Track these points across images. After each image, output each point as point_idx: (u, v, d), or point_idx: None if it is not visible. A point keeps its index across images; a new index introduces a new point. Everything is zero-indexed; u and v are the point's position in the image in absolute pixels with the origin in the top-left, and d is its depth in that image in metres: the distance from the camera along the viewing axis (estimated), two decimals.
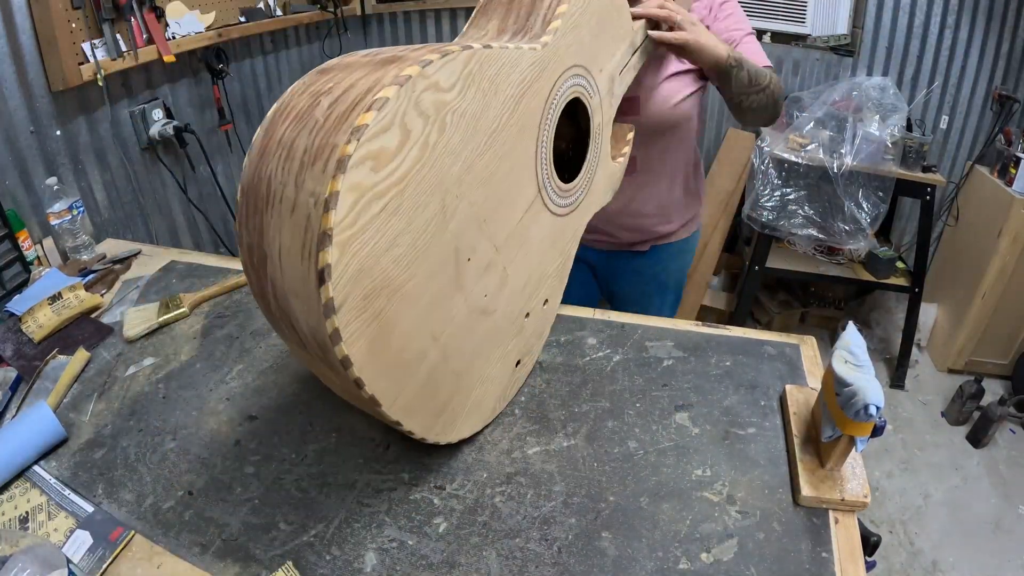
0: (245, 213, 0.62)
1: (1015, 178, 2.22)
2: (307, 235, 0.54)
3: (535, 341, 0.91)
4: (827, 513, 0.73)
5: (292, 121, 0.59)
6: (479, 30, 0.79)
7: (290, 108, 0.60)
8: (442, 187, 0.62)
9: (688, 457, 0.81)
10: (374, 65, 0.59)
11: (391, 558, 0.70)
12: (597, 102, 0.87)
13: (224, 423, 0.88)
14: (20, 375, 0.98)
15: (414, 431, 0.70)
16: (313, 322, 0.56)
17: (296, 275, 0.56)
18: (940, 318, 2.64)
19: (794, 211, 2.31)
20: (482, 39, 0.75)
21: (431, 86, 0.58)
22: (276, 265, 0.59)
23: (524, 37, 0.75)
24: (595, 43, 0.83)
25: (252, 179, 0.60)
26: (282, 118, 0.60)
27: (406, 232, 0.59)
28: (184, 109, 1.84)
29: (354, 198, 0.53)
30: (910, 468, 2.14)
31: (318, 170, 0.54)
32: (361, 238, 0.55)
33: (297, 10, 2.22)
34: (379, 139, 0.54)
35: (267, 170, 0.59)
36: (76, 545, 0.70)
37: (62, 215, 1.30)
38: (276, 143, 0.59)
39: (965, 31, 2.39)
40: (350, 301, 0.55)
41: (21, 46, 1.32)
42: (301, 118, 0.58)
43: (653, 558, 0.69)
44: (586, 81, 0.83)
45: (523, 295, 0.82)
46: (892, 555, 1.82)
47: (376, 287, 0.57)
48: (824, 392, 0.76)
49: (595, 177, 0.92)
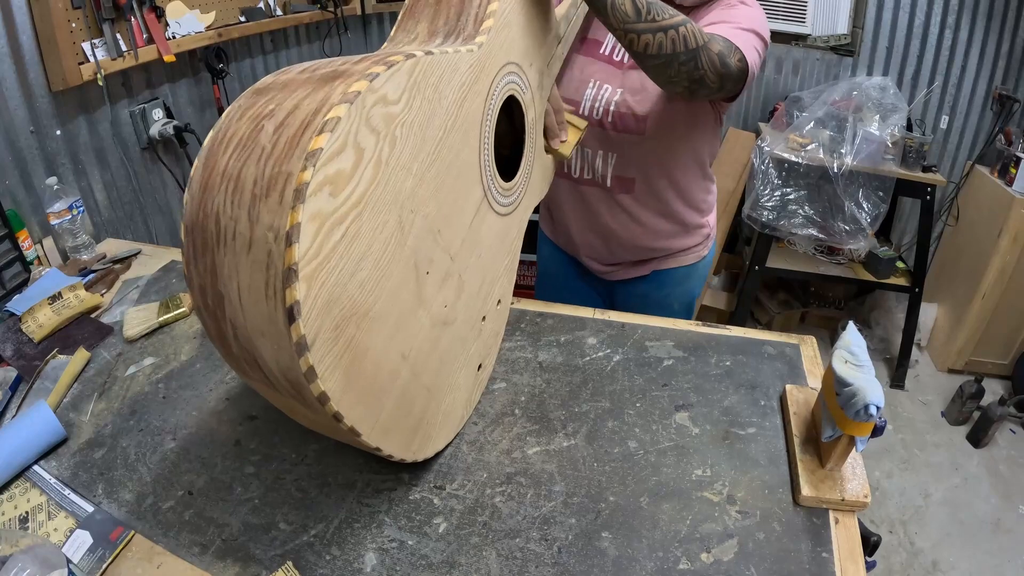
0: (192, 253, 0.57)
1: (1015, 178, 2.23)
2: (269, 272, 0.51)
3: (492, 343, 0.91)
4: (827, 513, 0.73)
5: (235, 150, 0.55)
6: (408, 34, 0.76)
7: (230, 136, 0.56)
8: (397, 203, 0.60)
9: (688, 457, 0.81)
10: (316, 82, 0.56)
11: (391, 558, 0.70)
12: (530, 98, 0.86)
13: (224, 423, 0.88)
14: (20, 375, 0.98)
15: (393, 454, 0.68)
16: (285, 361, 0.54)
17: (261, 314, 0.53)
18: (940, 318, 2.64)
19: (794, 211, 2.31)
20: (413, 43, 0.73)
21: (380, 100, 0.55)
22: (236, 306, 0.55)
23: (457, 39, 0.72)
24: (524, 38, 0.82)
25: (197, 216, 0.56)
26: (222, 148, 0.56)
27: (368, 255, 0.57)
28: (184, 109, 1.84)
29: (316, 227, 0.50)
30: (910, 468, 2.14)
31: (274, 202, 0.50)
32: (326, 268, 0.52)
33: (297, 10, 2.22)
34: (335, 162, 0.51)
35: (213, 205, 0.55)
36: (76, 545, 0.70)
37: (62, 215, 1.29)
38: (220, 175, 0.55)
39: (965, 31, 2.39)
40: (322, 335, 0.53)
41: (21, 46, 1.32)
42: (244, 146, 0.54)
43: (653, 558, 0.69)
44: (519, 78, 0.82)
45: (479, 299, 0.81)
46: (892, 555, 1.82)
47: (345, 315, 0.55)
48: (824, 392, 0.76)
49: (532, 173, 0.92)
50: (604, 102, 1.06)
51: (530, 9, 0.82)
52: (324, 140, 0.50)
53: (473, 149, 0.73)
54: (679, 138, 1.08)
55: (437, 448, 0.79)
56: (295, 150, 0.51)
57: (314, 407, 0.57)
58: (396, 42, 0.75)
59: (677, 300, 1.27)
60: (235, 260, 0.54)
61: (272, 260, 0.51)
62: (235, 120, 0.57)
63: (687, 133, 1.08)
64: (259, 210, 0.51)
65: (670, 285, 1.25)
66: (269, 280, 0.51)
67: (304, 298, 0.50)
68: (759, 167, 2.32)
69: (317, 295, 0.52)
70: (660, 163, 1.10)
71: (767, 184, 2.31)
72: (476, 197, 0.75)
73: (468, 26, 0.72)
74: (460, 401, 0.82)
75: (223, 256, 0.54)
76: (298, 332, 0.51)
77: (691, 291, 1.29)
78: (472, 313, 0.80)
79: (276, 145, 0.52)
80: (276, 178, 0.51)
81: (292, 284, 0.49)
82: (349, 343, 0.56)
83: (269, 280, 0.51)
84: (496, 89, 0.76)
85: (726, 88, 0.92)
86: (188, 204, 0.57)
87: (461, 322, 0.77)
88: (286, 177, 0.50)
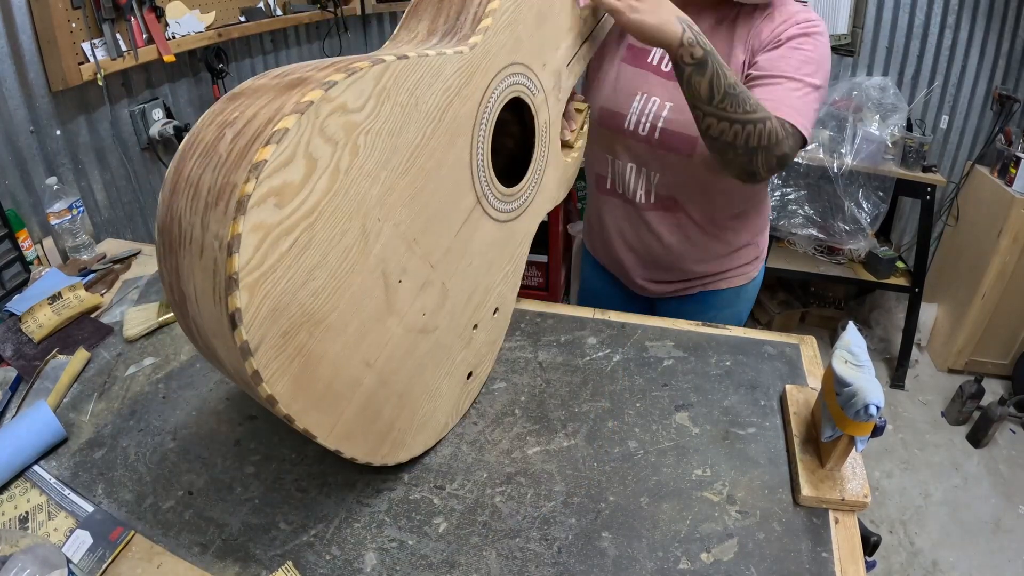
0: (162, 252, 0.59)
1: (1015, 178, 2.22)
2: (216, 279, 0.52)
3: (487, 351, 0.89)
4: (827, 513, 0.73)
5: (199, 156, 0.55)
6: (410, 32, 0.75)
7: (198, 141, 0.56)
8: (360, 212, 0.59)
9: (688, 457, 0.81)
10: (279, 90, 0.56)
11: (391, 558, 0.70)
12: (542, 99, 0.83)
13: (224, 423, 0.88)
14: (20, 375, 0.98)
15: (356, 457, 0.68)
16: (235, 363, 0.54)
17: (212, 317, 0.54)
18: (940, 318, 2.64)
19: (794, 211, 2.31)
20: (412, 42, 0.72)
21: (337, 109, 0.54)
22: (195, 306, 0.57)
23: (454, 38, 0.71)
24: (535, 38, 0.79)
25: (165, 218, 0.57)
26: (191, 152, 0.56)
27: (322, 265, 0.56)
28: (184, 109, 1.84)
29: (258, 239, 0.51)
30: (910, 468, 2.14)
31: (220, 211, 0.51)
32: (271, 278, 0.52)
33: (297, 10, 2.22)
34: (280, 174, 0.51)
35: (178, 209, 0.56)
36: (76, 545, 0.70)
37: (62, 215, 1.30)
38: (184, 180, 0.56)
39: (965, 31, 2.39)
40: (267, 341, 0.53)
41: (21, 46, 1.32)
42: (207, 153, 0.55)
43: (653, 558, 0.69)
44: (527, 79, 0.79)
45: (468, 308, 0.79)
46: (892, 555, 1.82)
47: (295, 323, 0.55)
48: (824, 392, 0.76)
49: (544, 177, 0.89)
50: (652, 116, 1.01)
51: (543, 7, 0.79)
52: (269, 152, 0.50)
53: (463, 155, 0.71)
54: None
55: (413, 454, 0.78)
56: (243, 161, 0.51)
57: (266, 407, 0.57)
58: (398, 41, 0.74)
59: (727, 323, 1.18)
60: (192, 263, 0.55)
61: (217, 267, 0.51)
62: (205, 126, 0.57)
63: None
64: (209, 218, 0.52)
65: (717, 307, 1.19)
66: (215, 286, 0.52)
67: (245, 307, 0.51)
68: None
69: (260, 304, 0.52)
70: (707, 183, 1.04)
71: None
72: (466, 204, 0.73)
73: (465, 25, 0.71)
74: (443, 409, 0.81)
75: (184, 259, 0.56)
76: (240, 338, 0.52)
77: (739, 314, 1.22)
78: (459, 321, 0.78)
79: (230, 154, 0.53)
80: (224, 188, 0.52)
81: (233, 293, 0.50)
82: (299, 350, 0.57)
83: (215, 286, 0.52)
84: (495, 92, 0.74)
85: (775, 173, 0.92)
86: (160, 205, 0.58)
87: (444, 330, 0.75)
88: (232, 188, 0.51)
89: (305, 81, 0.55)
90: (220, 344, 0.56)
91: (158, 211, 0.59)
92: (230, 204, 0.50)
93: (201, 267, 0.53)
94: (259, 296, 0.52)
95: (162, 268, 0.60)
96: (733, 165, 0.88)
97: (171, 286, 0.60)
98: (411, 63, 0.61)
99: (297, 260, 0.54)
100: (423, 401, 0.76)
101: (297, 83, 0.55)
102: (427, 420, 0.78)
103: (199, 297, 0.55)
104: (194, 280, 0.55)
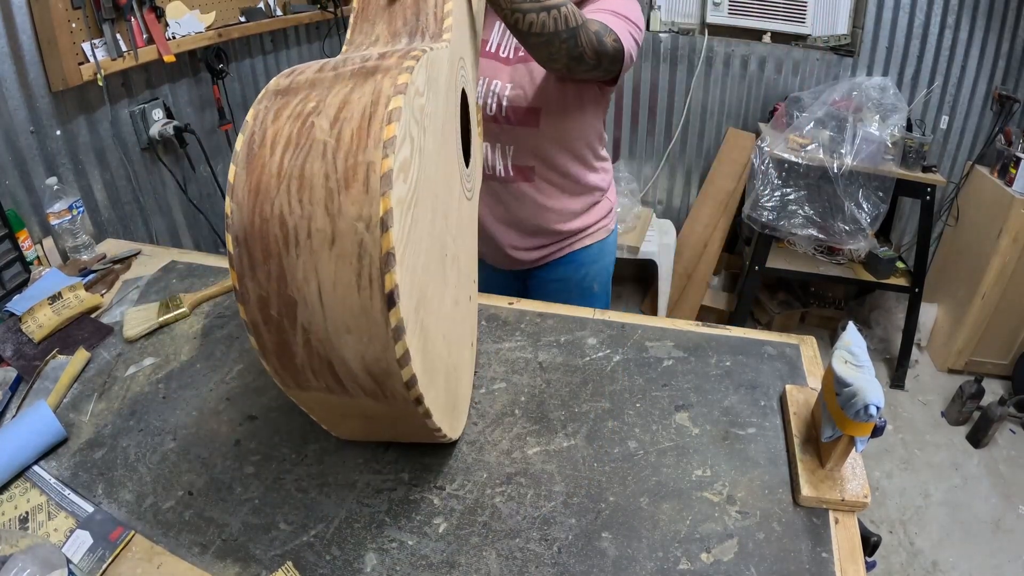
0: (248, 264, 0.55)
1: (1015, 178, 2.23)
2: (362, 263, 0.51)
3: (474, 321, 0.95)
4: (827, 513, 0.73)
5: (287, 149, 0.54)
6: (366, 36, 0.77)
7: (273, 136, 0.55)
8: (431, 190, 0.63)
9: (688, 457, 0.81)
10: (352, 78, 0.57)
11: (391, 558, 0.70)
12: (472, 88, 0.91)
13: (224, 423, 0.88)
14: (20, 375, 0.98)
15: (448, 434, 0.71)
16: (376, 352, 0.54)
17: (350, 309, 0.53)
18: (940, 318, 2.64)
19: (794, 211, 2.31)
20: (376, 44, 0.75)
21: (418, 92, 0.58)
22: (314, 308, 0.54)
23: (425, 37, 0.74)
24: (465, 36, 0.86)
25: (252, 223, 0.54)
26: (267, 149, 0.54)
27: (423, 239, 0.59)
28: (184, 109, 1.84)
29: (400, 212, 0.52)
30: (910, 468, 2.14)
31: (357, 192, 0.51)
32: (411, 252, 0.55)
33: (297, 10, 2.22)
34: (403, 150, 0.53)
35: (276, 208, 0.53)
36: (76, 545, 0.70)
37: (62, 215, 1.29)
38: (275, 176, 0.53)
39: (965, 31, 2.40)
40: (409, 318, 0.54)
41: (21, 46, 1.32)
42: (299, 145, 0.54)
43: (653, 558, 0.69)
44: (464, 71, 0.86)
45: (469, 279, 0.85)
46: (892, 555, 1.82)
47: (419, 299, 0.58)
48: (824, 392, 0.76)
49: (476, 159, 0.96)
50: (496, 97, 1.12)
51: (465, 6, 0.86)
52: (395, 128, 0.52)
53: (454, 138, 0.77)
54: (571, 122, 1.13)
55: (463, 425, 0.83)
56: (369, 140, 0.52)
57: (396, 396, 0.58)
58: (356, 45, 0.75)
59: (596, 279, 1.32)
60: (313, 259, 0.53)
61: (364, 249, 0.51)
62: (270, 121, 0.56)
63: (578, 117, 1.14)
64: (340, 202, 0.52)
65: (586, 265, 1.29)
66: (362, 271, 0.52)
67: (402, 281, 0.52)
68: (759, 167, 2.32)
69: (407, 280, 0.54)
70: (555, 148, 1.15)
71: (767, 184, 2.32)
72: (458, 183, 0.80)
73: (431, 25, 0.75)
74: (467, 378, 0.86)
75: (295, 258, 0.53)
76: (396, 317, 0.52)
77: (607, 267, 1.34)
78: (467, 292, 0.84)
79: (341, 139, 0.53)
80: (355, 168, 0.52)
81: (391, 269, 0.51)
82: (421, 326, 0.58)
83: (362, 271, 0.52)
84: (457, 82, 0.79)
85: (603, 66, 0.99)
86: (235, 213, 0.54)
87: (462, 301, 0.80)
88: (367, 166, 0.51)
89: (381, 68, 0.57)
90: (353, 340, 0.55)
91: (234, 221, 0.54)
92: (371, 182, 0.51)
93: (333, 257, 0.52)
94: (407, 271, 0.54)
95: (247, 284, 0.55)
96: (560, 54, 0.94)
97: (264, 300, 0.55)
98: (436, 54, 0.65)
99: (416, 235, 0.57)
100: (463, 371, 0.81)
101: (373, 70, 0.57)
102: (467, 389, 0.86)
103: (327, 291, 0.53)
104: (320, 276, 0.53)
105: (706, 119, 2.77)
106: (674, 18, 2.64)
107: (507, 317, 1.07)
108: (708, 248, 2.72)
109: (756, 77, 2.66)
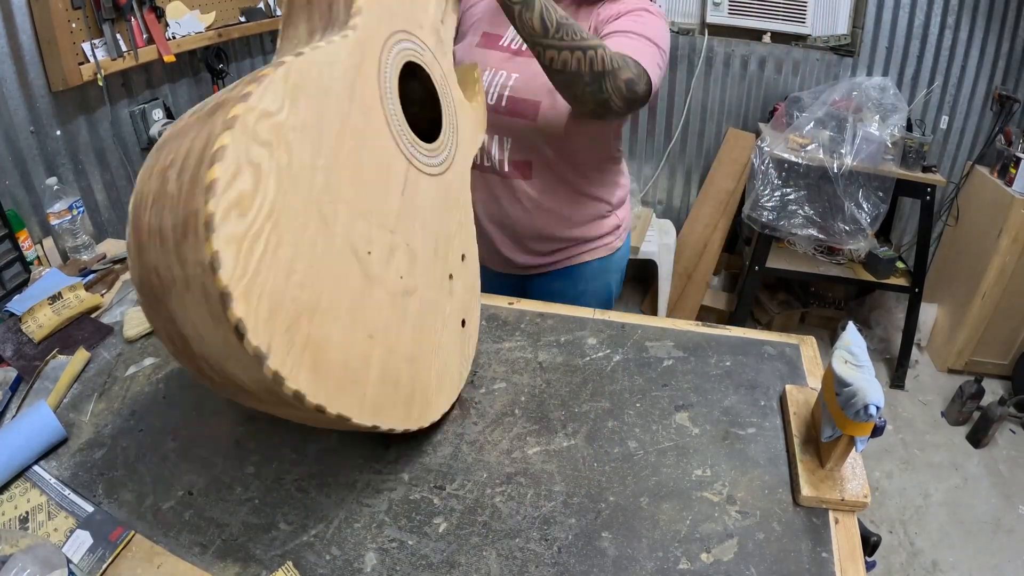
0: (150, 309, 0.63)
1: (1015, 178, 2.23)
2: (209, 302, 0.54)
3: (470, 297, 0.93)
4: (827, 513, 0.73)
5: (152, 207, 0.59)
6: (291, 41, 0.78)
7: (146, 195, 0.60)
8: (313, 201, 0.62)
9: (688, 457, 0.81)
10: (202, 121, 0.59)
11: (391, 558, 0.70)
12: (430, 57, 0.88)
13: (224, 423, 0.88)
14: (20, 375, 0.98)
15: (394, 427, 0.71)
16: (255, 375, 0.57)
17: (218, 342, 0.57)
18: (940, 318, 2.64)
19: (794, 211, 2.31)
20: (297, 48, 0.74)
21: (261, 115, 0.57)
22: (198, 342, 0.60)
23: (334, 28, 0.74)
24: (404, 5, 0.84)
25: (140, 276, 0.61)
26: (143, 208, 0.60)
27: (298, 257, 0.59)
28: (184, 109, 1.83)
29: (234, 250, 0.54)
30: (910, 468, 2.14)
31: (192, 240, 0.54)
32: (258, 281, 0.55)
33: None
34: (234, 187, 0.54)
35: (151, 262, 0.59)
36: (76, 545, 0.70)
37: (62, 215, 1.30)
38: (147, 234, 0.59)
39: (965, 31, 2.40)
40: (275, 340, 0.56)
41: (21, 46, 1.32)
42: (158, 200, 0.58)
43: (653, 558, 0.69)
44: (412, 43, 0.83)
45: (438, 261, 0.83)
46: (892, 555, 1.82)
47: (292, 317, 0.58)
48: (824, 392, 0.76)
49: (458, 125, 0.93)
50: (499, 87, 1.10)
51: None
52: (218, 170, 0.53)
53: (381, 125, 0.75)
54: (570, 124, 1.08)
55: (442, 410, 0.83)
56: (196, 188, 0.54)
57: (296, 405, 0.60)
58: (283, 52, 0.76)
59: (593, 296, 1.26)
60: (182, 302, 0.58)
61: (207, 291, 0.54)
62: (146, 180, 0.61)
63: (578, 121, 1.09)
64: (184, 252, 0.55)
65: (585, 280, 1.25)
66: (212, 310, 0.55)
67: (245, 314, 0.54)
68: (759, 167, 2.32)
69: (257, 307, 0.55)
70: (556, 147, 1.12)
71: (767, 184, 2.32)
72: (400, 168, 0.77)
73: (340, 15, 0.74)
74: (453, 360, 0.86)
75: (173, 303, 0.59)
76: (251, 346, 0.54)
77: (608, 286, 1.28)
78: (435, 276, 0.82)
79: (181, 190, 0.56)
80: (188, 218, 0.54)
81: (229, 306, 0.53)
82: (307, 341, 0.60)
83: (212, 310, 0.55)
84: (388, 62, 0.77)
85: (632, 111, 0.99)
86: (131, 268, 0.62)
87: (425, 287, 0.79)
88: (195, 214, 0.54)
89: (223, 103, 0.58)
90: (234, 365, 0.58)
91: (131, 276, 0.63)
92: (199, 229, 0.53)
93: (192, 300, 0.56)
94: (253, 301, 0.55)
95: (156, 325, 0.63)
96: (586, 97, 0.92)
97: (170, 337, 0.62)
98: (307, 57, 0.64)
99: (274, 259, 0.57)
100: (432, 358, 0.80)
101: (216, 108, 0.58)
102: (443, 375, 0.83)
103: (199, 329, 0.58)
104: (189, 317, 0.58)
105: (706, 119, 2.77)
106: (674, 18, 2.64)
107: (507, 317, 1.07)
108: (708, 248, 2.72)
109: (756, 77, 2.66)
